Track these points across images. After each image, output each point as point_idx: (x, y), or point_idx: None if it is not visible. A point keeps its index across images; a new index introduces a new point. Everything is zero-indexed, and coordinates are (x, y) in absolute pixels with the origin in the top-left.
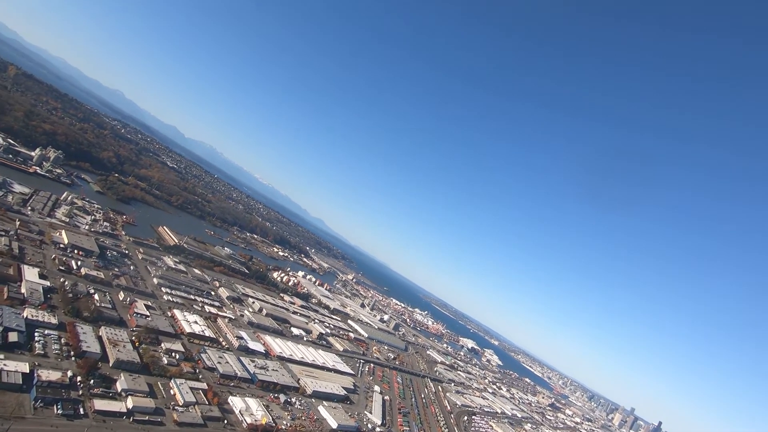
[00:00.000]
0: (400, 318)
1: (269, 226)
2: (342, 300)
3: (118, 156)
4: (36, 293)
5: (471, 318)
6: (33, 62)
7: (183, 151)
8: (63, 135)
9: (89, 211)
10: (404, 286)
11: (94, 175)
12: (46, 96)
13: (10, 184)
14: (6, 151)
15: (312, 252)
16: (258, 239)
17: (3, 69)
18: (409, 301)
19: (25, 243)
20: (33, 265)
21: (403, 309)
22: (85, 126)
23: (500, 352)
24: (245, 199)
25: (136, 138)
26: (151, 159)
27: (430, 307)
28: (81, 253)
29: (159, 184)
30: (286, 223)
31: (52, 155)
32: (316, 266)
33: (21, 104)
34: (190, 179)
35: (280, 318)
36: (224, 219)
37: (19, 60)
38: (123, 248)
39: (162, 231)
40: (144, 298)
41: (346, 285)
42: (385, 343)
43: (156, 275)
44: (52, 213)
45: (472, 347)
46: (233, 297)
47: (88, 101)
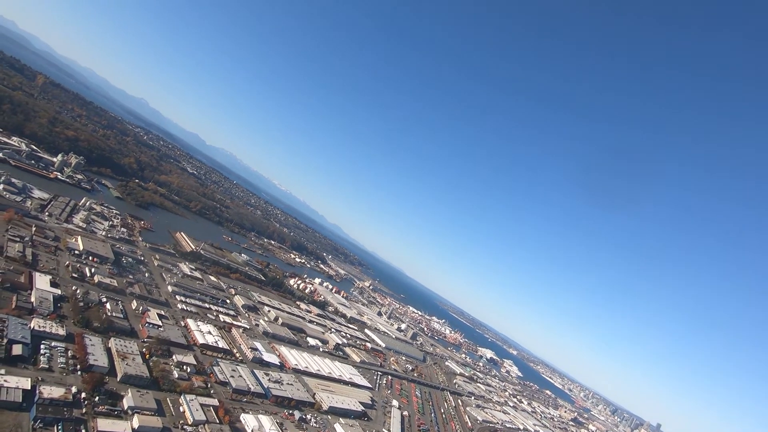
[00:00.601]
0: (418, 327)
1: (287, 232)
2: (359, 308)
3: (139, 162)
4: (46, 302)
5: (488, 326)
6: (63, 72)
7: (204, 158)
8: (85, 141)
9: (107, 217)
10: (420, 293)
11: (114, 180)
12: (72, 104)
13: (29, 189)
14: (28, 156)
15: (329, 258)
16: (275, 245)
17: (32, 78)
18: (426, 309)
19: (39, 249)
20: (45, 273)
21: (420, 317)
22: (108, 133)
23: (519, 362)
24: (263, 205)
25: (158, 145)
26: (172, 165)
27: (448, 315)
28: (96, 259)
29: (178, 189)
30: (303, 229)
31: (74, 161)
32: (332, 273)
33: (46, 111)
34: (210, 185)
35: (296, 327)
36: (242, 225)
37: (49, 70)
38: (139, 254)
39: (179, 237)
40: (157, 307)
41: (363, 292)
42: (403, 353)
43: (171, 283)
44: (70, 219)
45: (491, 357)
46: (248, 305)
47: (113, 109)
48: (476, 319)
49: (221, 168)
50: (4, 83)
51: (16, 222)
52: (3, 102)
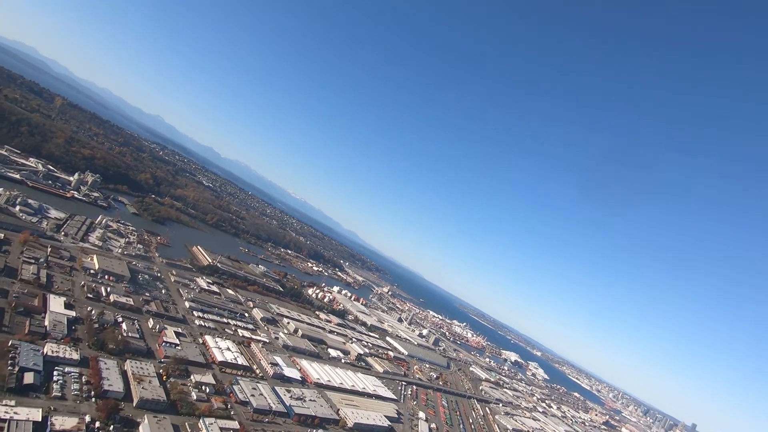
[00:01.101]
0: (439, 331)
1: (303, 240)
2: (379, 315)
3: (155, 177)
4: (59, 326)
5: (510, 328)
6: (81, 94)
7: (219, 170)
8: (101, 159)
9: (123, 234)
10: (440, 296)
11: (131, 196)
12: (89, 123)
13: (46, 210)
14: (45, 177)
15: (346, 265)
16: (292, 254)
17: (50, 100)
18: (447, 313)
19: (54, 270)
20: (60, 294)
21: (441, 321)
22: (124, 150)
23: (544, 364)
24: (279, 215)
25: (173, 159)
26: (188, 179)
27: (468, 318)
28: (111, 278)
29: (194, 203)
30: (319, 237)
31: (90, 179)
32: (350, 280)
33: (63, 131)
34: (225, 197)
35: (317, 339)
36: (258, 235)
37: (68, 92)
38: (155, 271)
39: (196, 251)
40: (174, 325)
41: (382, 298)
42: (426, 360)
43: (188, 298)
44: (86, 237)
45: (515, 360)
46: (267, 318)
47: (130, 127)
48: (497, 321)
49: (236, 179)
50: (22, 106)
51: (32, 243)
52: (21, 124)
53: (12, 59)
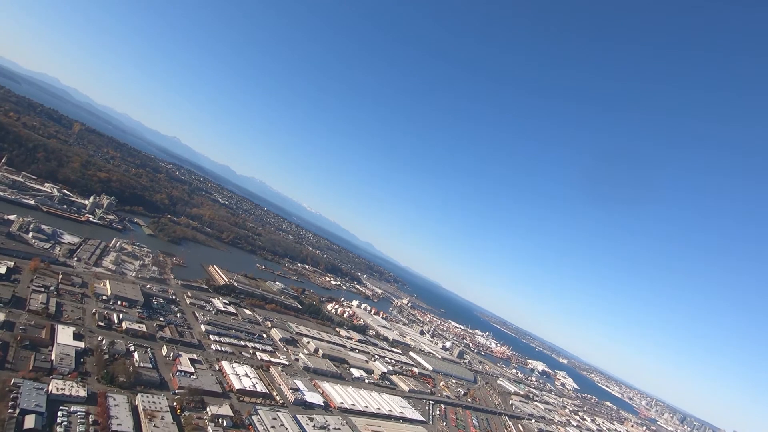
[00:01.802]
0: (462, 343)
1: (320, 254)
2: (400, 328)
3: (171, 197)
4: (67, 359)
5: (533, 335)
6: (100, 119)
7: (235, 188)
8: (117, 181)
9: (138, 256)
10: (459, 305)
11: (146, 217)
12: (107, 147)
13: (59, 235)
14: (60, 201)
15: (364, 278)
16: (310, 269)
17: (69, 126)
18: (468, 323)
19: (65, 298)
20: (69, 324)
21: (463, 332)
22: (141, 171)
23: (572, 372)
24: (295, 229)
25: (189, 179)
26: (203, 197)
27: (490, 327)
28: (124, 303)
29: (210, 221)
30: (336, 250)
31: (105, 202)
32: (369, 293)
33: (79, 156)
34: (241, 214)
35: (338, 358)
36: (275, 251)
37: (88, 118)
38: (170, 293)
39: (212, 270)
40: (190, 351)
41: (402, 311)
42: (452, 375)
43: (203, 321)
44: (99, 261)
45: (543, 370)
46: (286, 338)
47: (147, 149)
48: (520, 329)
49: (252, 196)
50: (39, 132)
51: (43, 271)
52: (37, 150)
53: (35, 89)
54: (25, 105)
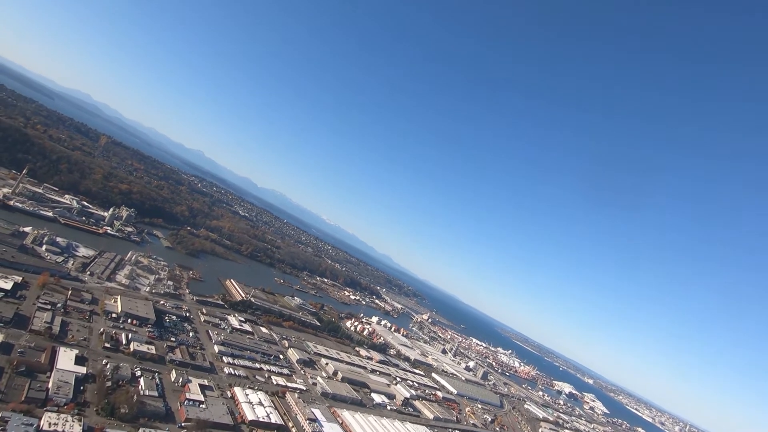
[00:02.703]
0: (485, 362)
1: (339, 267)
2: (421, 347)
3: (191, 209)
4: (65, 387)
5: (556, 353)
6: (128, 133)
7: (255, 200)
8: (138, 193)
9: (154, 270)
10: (479, 320)
11: (166, 230)
12: (131, 159)
13: (74, 248)
14: (79, 213)
15: (383, 292)
16: (328, 283)
17: (96, 139)
18: (490, 339)
19: (72, 316)
20: (73, 345)
21: (485, 350)
22: (162, 183)
23: (600, 394)
24: (314, 242)
25: (211, 191)
26: (224, 209)
27: (512, 344)
28: (135, 322)
29: (229, 234)
30: (354, 263)
31: (125, 214)
32: (389, 308)
33: (101, 168)
34: (261, 226)
35: (358, 382)
36: (294, 264)
37: (116, 132)
38: (184, 310)
39: (229, 284)
40: (200, 375)
41: (423, 327)
42: (478, 399)
43: (217, 341)
44: (113, 276)
45: (570, 392)
46: (304, 360)
47: (171, 162)
48: (542, 346)
49: (272, 208)
50: (65, 145)
51: (52, 286)
52: (61, 162)
53: (69, 105)
54: (54, 119)
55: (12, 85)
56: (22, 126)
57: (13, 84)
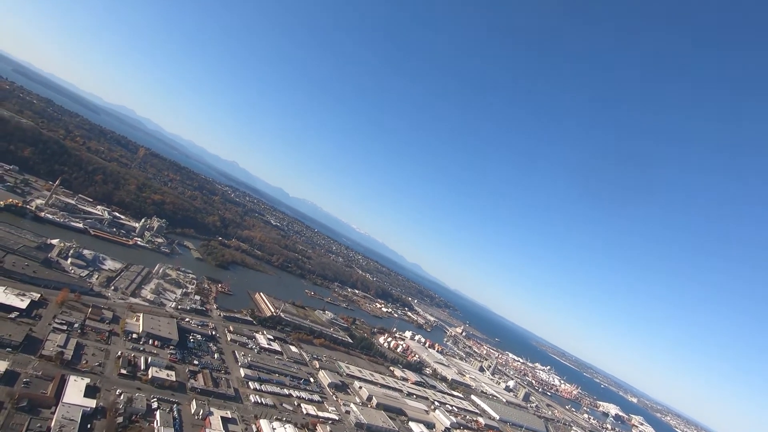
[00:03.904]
0: (524, 380)
1: (370, 278)
2: (458, 365)
3: (223, 219)
4: (69, 426)
5: (596, 368)
6: (167, 145)
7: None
8: (171, 204)
9: (181, 284)
10: (513, 332)
11: (197, 240)
12: (168, 170)
13: (101, 260)
14: (110, 224)
15: (415, 303)
16: (360, 295)
17: (134, 151)
18: (526, 354)
19: (88, 337)
20: (85, 373)
21: (523, 366)
22: (196, 194)
23: (647, 416)
24: (345, 251)
25: (244, 201)
26: (256, 219)
27: (550, 359)
28: (157, 343)
29: (260, 244)
30: (385, 273)
31: (156, 224)
32: (422, 321)
33: (136, 178)
34: (292, 236)
35: (394, 408)
36: (324, 276)
37: (156, 144)
38: (210, 327)
39: (258, 298)
40: (223, 405)
41: (457, 341)
42: (521, 425)
43: (243, 364)
44: (138, 291)
45: (616, 414)
46: (336, 383)
47: (207, 172)
48: (580, 360)
49: (303, 217)
50: (102, 156)
51: (72, 303)
52: (96, 173)
53: (113, 119)
54: (96, 132)
55: (60, 100)
56: (61, 138)
57: (61, 100)
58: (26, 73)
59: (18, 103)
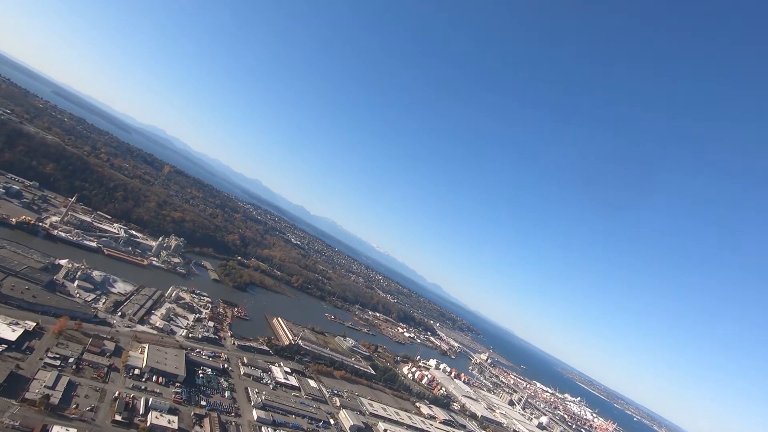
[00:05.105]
0: (555, 413)
1: (391, 300)
2: (486, 398)
3: (243, 238)
4: None
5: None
6: (193, 163)
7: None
8: (190, 222)
9: (195, 308)
10: (537, 357)
11: (215, 259)
12: (191, 187)
13: (111, 282)
14: (126, 243)
15: (437, 326)
16: (381, 318)
17: (159, 168)
18: (553, 383)
19: (84, 374)
20: (73, 420)
21: (552, 397)
22: (217, 211)
23: None
24: (365, 271)
25: (265, 218)
26: (276, 237)
27: (578, 388)
28: (161, 379)
29: (280, 263)
30: (406, 294)
31: (173, 243)
32: (445, 347)
33: (156, 195)
34: (312, 255)
35: None
36: (345, 297)
37: (182, 162)
38: (222, 359)
39: (276, 324)
40: None
41: (483, 370)
42: None
43: (257, 404)
44: (147, 317)
45: None
46: (358, 426)
47: (231, 190)
48: (609, 389)
49: (323, 235)
50: (126, 173)
51: (71, 333)
52: (117, 190)
53: (143, 138)
54: (123, 149)
55: (93, 119)
56: (85, 154)
57: (94, 119)
58: (65, 95)
59: (48, 121)
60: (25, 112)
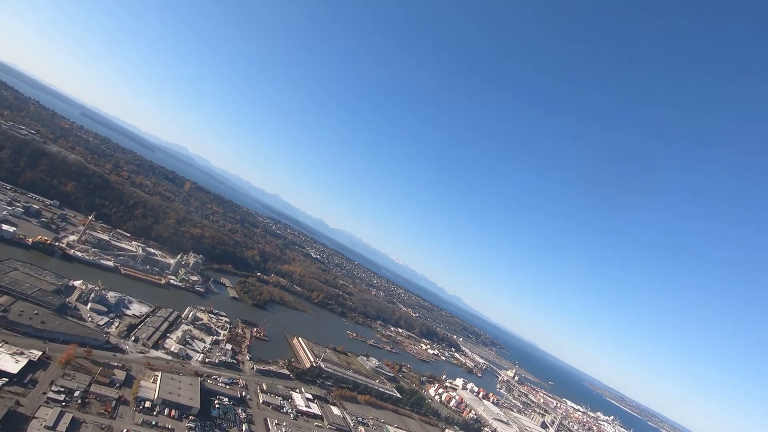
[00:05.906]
0: None
1: (413, 315)
2: (517, 420)
3: (263, 253)
4: None
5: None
6: (215, 180)
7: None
8: (209, 238)
9: (213, 330)
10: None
11: (234, 276)
12: (212, 203)
13: (126, 304)
14: (144, 261)
15: (461, 341)
16: (404, 335)
17: (181, 185)
18: (584, 400)
19: (90, 410)
20: None
21: (584, 417)
22: (236, 227)
23: None
24: (385, 285)
25: (285, 233)
26: (296, 252)
27: (608, 405)
28: (174, 412)
29: (300, 279)
30: (428, 308)
31: (192, 260)
32: (471, 364)
33: (176, 212)
34: (332, 269)
35: None
36: (366, 313)
37: (203, 178)
38: (240, 386)
39: (296, 344)
40: None
41: (511, 389)
42: None
43: None
44: (161, 341)
45: None
46: None
47: (252, 205)
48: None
49: (342, 249)
50: (146, 190)
51: (80, 361)
52: (136, 207)
53: (167, 156)
54: (146, 167)
55: (118, 139)
56: (106, 172)
57: (120, 138)
58: (92, 116)
59: (73, 140)
60: (50, 133)
